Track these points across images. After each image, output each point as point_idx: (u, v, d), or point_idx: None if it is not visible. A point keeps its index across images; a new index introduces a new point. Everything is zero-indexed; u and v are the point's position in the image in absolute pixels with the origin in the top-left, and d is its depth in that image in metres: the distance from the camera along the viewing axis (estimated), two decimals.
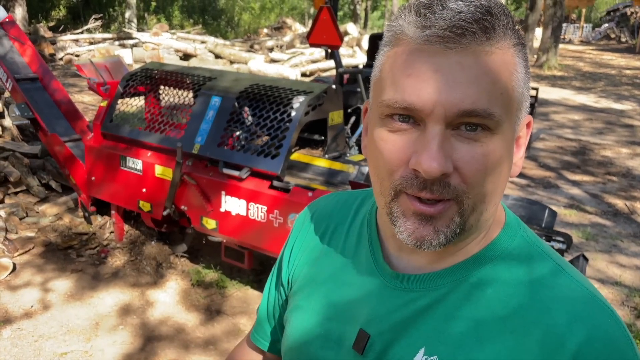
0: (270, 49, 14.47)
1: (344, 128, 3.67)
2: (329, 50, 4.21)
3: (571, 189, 5.79)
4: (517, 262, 0.66)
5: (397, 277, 0.69)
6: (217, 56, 13.26)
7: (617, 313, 0.63)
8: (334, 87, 3.32)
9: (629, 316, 3.34)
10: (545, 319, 0.60)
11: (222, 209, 2.97)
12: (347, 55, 13.30)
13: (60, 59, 12.64)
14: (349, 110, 4.04)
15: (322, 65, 12.42)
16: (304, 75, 11.99)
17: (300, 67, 12.26)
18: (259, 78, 3.41)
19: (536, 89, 6.80)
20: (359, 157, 3.52)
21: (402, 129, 0.59)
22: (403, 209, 0.61)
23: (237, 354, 0.99)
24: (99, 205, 3.81)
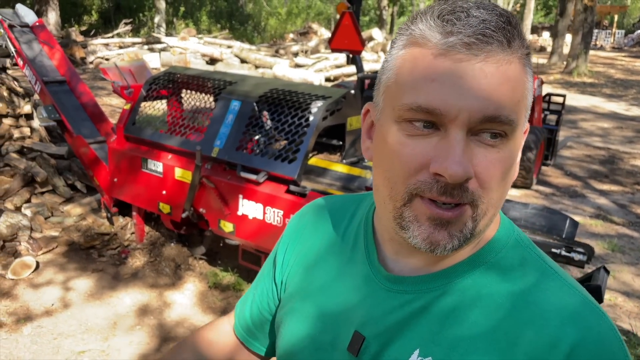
0: (295, 54, 14.56)
1: None
2: (351, 56, 4.20)
3: (598, 199, 5.64)
4: (510, 264, 0.67)
5: (393, 279, 0.70)
6: (243, 61, 13.40)
7: (609, 316, 0.63)
8: (352, 92, 3.31)
9: None
10: (538, 320, 0.61)
11: (239, 212, 2.98)
12: (372, 60, 13.29)
13: (91, 63, 12.95)
14: None
15: (346, 71, 12.44)
16: (328, 80, 12.02)
17: (324, 72, 12.30)
18: (279, 82, 3.43)
19: (563, 96, 6.68)
20: None
21: (422, 134, 0.60)
22: (416, 214, 0.61)
23: (216, 345, 0.95)
24: (121, 207, 3.87)
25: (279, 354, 0.81)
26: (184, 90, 3.65)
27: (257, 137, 3.14)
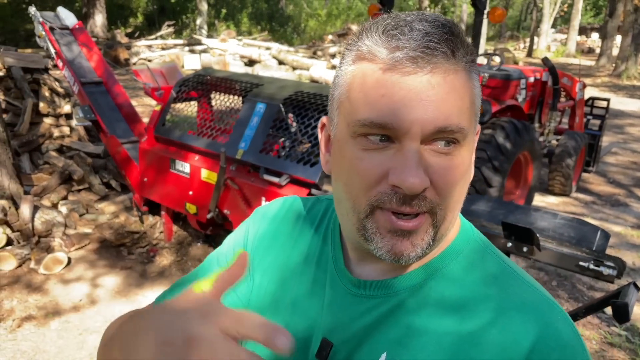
0: (333, 56, 14.55)
1: None
2: None
3: None
4: (472, 265, 0.69)
5: (359, 283, 0.71)
6: (281, 62, 13.48)
7: (566, 312, 0.66)
8: None
9: None
10: (501, 319, 0.63)
11: None
12: None
13: (134, 64, 13.30)
14: None
15: None
16: None
17: None
18: (305, 85, 3.42)
19: (607, 99, 6.41)
20: None
21: (378, 147, 0.61)
22: (378, 226, 0.62)
23: None
24: (151, 206, 3.95)
25: None
26: (212, 92, 3.68)
27: (281, 140, 3.14)
